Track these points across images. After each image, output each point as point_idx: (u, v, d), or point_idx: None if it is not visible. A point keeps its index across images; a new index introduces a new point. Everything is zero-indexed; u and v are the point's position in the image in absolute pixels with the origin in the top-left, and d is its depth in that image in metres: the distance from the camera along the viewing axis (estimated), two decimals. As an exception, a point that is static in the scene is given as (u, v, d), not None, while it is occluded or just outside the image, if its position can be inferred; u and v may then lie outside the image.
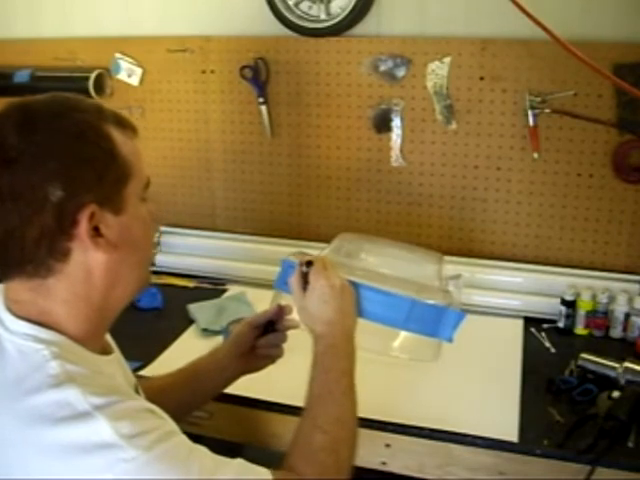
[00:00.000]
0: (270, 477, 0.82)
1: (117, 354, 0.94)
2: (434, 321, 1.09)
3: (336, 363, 0.99)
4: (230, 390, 1.35)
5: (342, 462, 0.93)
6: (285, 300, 1.15)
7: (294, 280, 1.05)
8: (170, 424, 0.80)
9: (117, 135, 0.81)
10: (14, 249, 0.76)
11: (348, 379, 0.99)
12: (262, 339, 1.17)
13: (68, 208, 0.76)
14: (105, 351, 0.89)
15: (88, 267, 0.80)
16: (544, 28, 1.16)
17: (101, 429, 0.71)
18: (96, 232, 0.78)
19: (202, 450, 0.79)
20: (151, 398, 0.91)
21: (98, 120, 0.81)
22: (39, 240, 0.76)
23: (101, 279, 0.81)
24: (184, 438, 0.79)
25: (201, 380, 1.17)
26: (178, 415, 1.08)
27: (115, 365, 0.90)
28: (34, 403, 0.73)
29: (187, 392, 1.16)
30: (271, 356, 1.19)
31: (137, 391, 0.95)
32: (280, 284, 1.13)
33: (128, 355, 0.99)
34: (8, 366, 0.77)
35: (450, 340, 1.10)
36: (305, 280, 1.04)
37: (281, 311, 1.16)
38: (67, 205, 0.76)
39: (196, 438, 0.82)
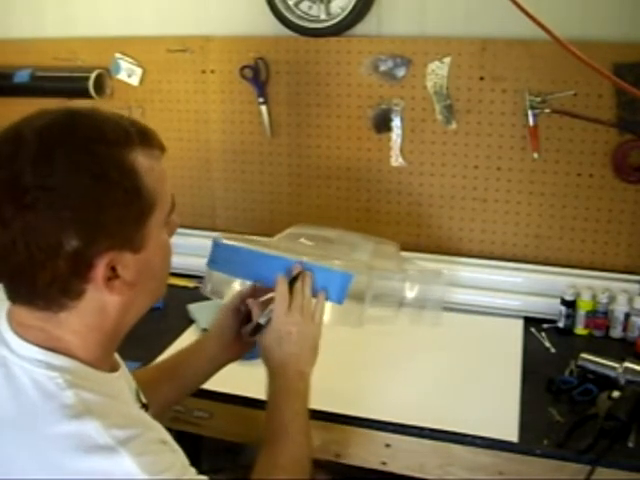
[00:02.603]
0: None
1: (123, 366, 0.92)
2: (322, 283, 1.08)
3: (290, 404, 1.00)
4: (230, 390, 1.35)
5: None
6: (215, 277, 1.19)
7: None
8: (180, 455, 0.80)
9: (143, 161, 0.76)
10: (24, 286, 0.74)
11: (302, 419, 1.00)
12: (247, 325, 1.15)
13: (84, 256, 0.72)
14: (113, 367, 0.87)
15: (102, 304, 0.78)
16: (544, 28, 1.16)
17: (125, 464, 0.70)
18: (112, 271, 0.75)
19: (199, 476, 0.80)
20: (143, 392, 0.91)
21: (124, 148, 0.75)
22: (51, 283, 0.73)
23: (115, 312, 0.79)
24: (193, 470, 0.79)
25: (189, 373, 1.16)
26: (166, 407, 1.10)
27: (122, 380, 0.89)
28: (52, 433, 0.71)
29: (174, 385, 1.15)
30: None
31: (138, 396, 0.94)
32: (209, 263, 1.18)
33: (128, 355, 0.99)
34: (21, 395, 0.74)
35: (340, 302, 1.07)
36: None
37: (254, 291, 1.13)
38: (83, 253, 0.72)
39: (196, 438, 0.83)
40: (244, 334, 1.15)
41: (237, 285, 1.20)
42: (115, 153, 0.74)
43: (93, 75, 1.88)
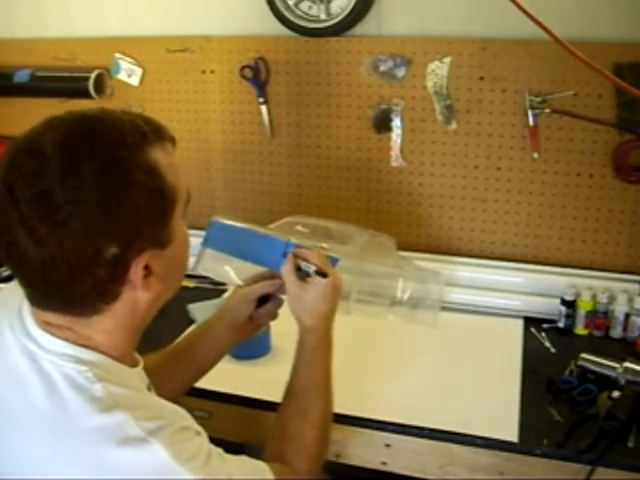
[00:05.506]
0: (271, 477, 0.85)
1: (141, 364, 0.93)
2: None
3: (325, 358, 1.05)
4: (230, 390, 1.35)
5: (324, 457, 1.02)
6: (208, 256, 1.22)
7: (289, 269, 1.06)
8: (203, 437, 0.82)
9: (162, 159, 0.77)
10: (61, 297, 0.75)
11: (330, 375, 1.06)
12: (261, 309, 1.17)
13: (122, 260, 0.74)
14: (134, 363, 0.88)
15: (135, 302, 0.79)
16: (544, 28, 1.16)
17: (158, 454, 0.71)
18: (146, 269, 0.76)
19: (223, 454, 0.82)
20: (152, 378, 0.91)
21: (144, 149, 0.75)
22: (90, 291, 0.74)
23: (145, 308, 0.81)
24: (215, 450, 0.81)
25: (199, 357, 1.17)
26: (180, 390, 1.12)
27: (138, 376, 0.89)
28: (84, 427, 0.72)
29: (189, 367, 1.16)
30: (267, 321, 1.23)
31: (149, 389, 0.95)
32: (204, 242, 1.21)
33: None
34: (54, 390, 0.74)
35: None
36: (299, 269, 1.07)
37: (282, 286, 1.14)
38: (121, 258, 0.73)
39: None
40: (257, 317, 1.18)
41: (228, 268, 1.24)
42: (138, 156, 0.75)
43: (93, 75, 1.88)
